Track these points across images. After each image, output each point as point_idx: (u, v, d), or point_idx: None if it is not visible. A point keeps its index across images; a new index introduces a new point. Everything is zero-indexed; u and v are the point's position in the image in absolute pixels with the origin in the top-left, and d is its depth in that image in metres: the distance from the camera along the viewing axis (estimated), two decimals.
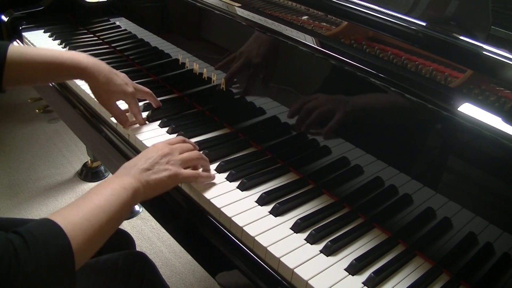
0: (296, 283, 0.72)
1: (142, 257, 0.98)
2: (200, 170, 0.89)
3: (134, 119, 1.05)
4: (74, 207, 0.67)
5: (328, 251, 0.76)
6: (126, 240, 1.17)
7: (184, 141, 0.91)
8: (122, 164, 0.81)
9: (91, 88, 1.00)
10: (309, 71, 0.93)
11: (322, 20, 0.96)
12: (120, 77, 1.01)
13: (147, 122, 1.07)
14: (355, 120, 0.86)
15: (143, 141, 0.99)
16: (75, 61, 0.94)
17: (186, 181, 0.87)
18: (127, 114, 1.05)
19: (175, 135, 1.02)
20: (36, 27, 1.55)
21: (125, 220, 1.95)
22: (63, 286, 0.60)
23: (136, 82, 1.23)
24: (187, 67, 1.18)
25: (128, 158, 1.00)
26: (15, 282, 0.54)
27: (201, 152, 0.94)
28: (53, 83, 1.31)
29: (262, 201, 0.85)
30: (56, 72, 0.94)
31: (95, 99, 1.03)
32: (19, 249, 0.56)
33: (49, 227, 0.61)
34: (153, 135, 1.02)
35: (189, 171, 0.85)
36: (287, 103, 0.95)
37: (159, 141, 0.89)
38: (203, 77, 1.12)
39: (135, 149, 1.02)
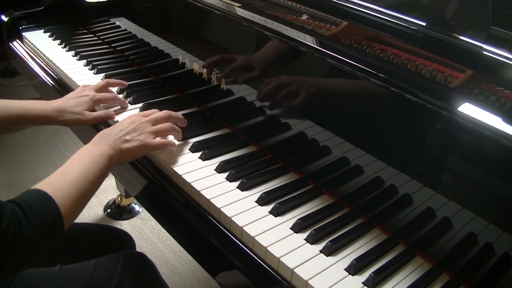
0: (296, 283, 0.72)
1: (142, 257, 0.98)
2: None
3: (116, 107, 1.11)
4: (60, 176, 0.75)
5: (328, 251, 0.76)
6: (126, 240, 1.17)
7: (169, 115, 0.97)
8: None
9: (64, 125, 1.04)
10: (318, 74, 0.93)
11: (322, 20, 0.96)
12: (73, 99, 1.04)
13: None
14: (355, 118, 0.86)
15: None
16: (37, 112, 0.98)
17: (156, 149, 0.93)
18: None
19: None
20: (36, 27, 1.55)
21: (125, 220, 1.96)
22: (56, 245, 0.70)
23: (136, 82, 1.24)
24: (187, 67, 1.18)
25: None
26: (19, 246, 0.63)
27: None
28: (52, 83, 1.31)
29: (262, 201, 0.85)
30: (21, 122, 0.99)
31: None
32: (21, 219, 0.64)
33: (42, 197, 0.69)
34: None
35: (157, 141, 0.92)
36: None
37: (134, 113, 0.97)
38: (203, 77, 1.12)
39: None
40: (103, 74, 1.27)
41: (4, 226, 0.62)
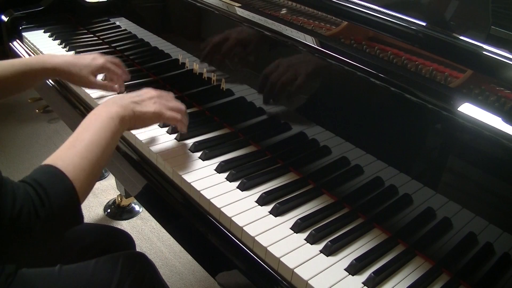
0: (296, 283, 0.72)
1: (142, 257, 0.98)
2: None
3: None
4: (70, 147, 0.72)
5: (328, 251, 0.76)
6: (126, 240, 1.17)
7: (184, 110, 0.95)
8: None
9: (67, 80, 1.05)
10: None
11: (322, 20, 0.96)
12: (87, 57, 1.06)
13: None
14: (354, 118, 0.86)
15: (136, 135, 0.99)
16: (42, 64, 0.98)
17: (168, 121, 0.92)
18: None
19: (175, 135, 1.02)
20: (36, 27, 1.55)
21: (125, 220, 1.96)
22: (72, 223, 0.68)
23: (136, 82, 1.24)
24: (187, 67, 1.18)
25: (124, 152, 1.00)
26: (34, 228, 0.61)
27: (201, 152, 0.95)
28: (52, 83, 1.31)
29: (262, 201, 0.85)
30: (27, 79, 0.98)
31: (87, 92, 1.10)
32: (34, 199, 0.62)
33: (53, 174, 0.66)
34: (154, 134, 1.02)
35: (172, 113, 0.90)
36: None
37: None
38: (203, 77, 1.12)
39: (133, 147, 1.02)
40: (103, 74, 1.27)
41: (17, 208, 0.59)
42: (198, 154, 0.96)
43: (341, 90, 0.88)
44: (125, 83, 1.18)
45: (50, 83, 1.31)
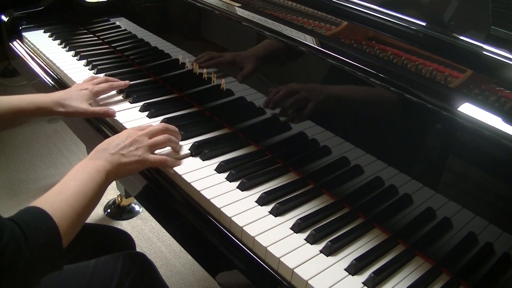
0: (296, 283, 0.72)
1: (142, 257, 0.98)
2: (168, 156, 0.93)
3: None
4: (58, 193, 0.74)
5: (328, 251, 0.76)
6: (126, 241, 1.17)
7: (166, 128, 0.95)
8: None
9: (63, 116, 1.06)
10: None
11: (322, 20, 0.96)
12: (73, 89, 1.08)
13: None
14: (354, 117, 0.86)
15: None
16: (37, 104, 1.00)
17: (154, 165, 0.92)
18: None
19: None
20: (36, 27, 1.55)
21: (125, 220, 1.96)
22: (54, 264, 0.69)
23: (136, 82, 1.24)
24: (187, 67, 1.18)
25: None
26: (17, 266, 0.62)
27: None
28: (52, 83, 1.31)
29: (262, 201, 0.85)
30: (21, 117, 1.00)
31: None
32: (20, 238, 0.63)
33: (40, 215, 0.68)
34: None
35: (155, 157, 0.90)
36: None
37: (130, 127, 0.99)
38: (203, 77, 1.12)
39: None
40: (103, 74, 1.27)
41: (2, 245, 0.60)
42: (198, 154, 0.96)
43: (341, 90, 0.88)
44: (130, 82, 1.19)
45: (50, 83, 1.31)
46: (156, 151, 0.94)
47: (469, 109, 0.69)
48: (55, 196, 0.73)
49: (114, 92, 1.17)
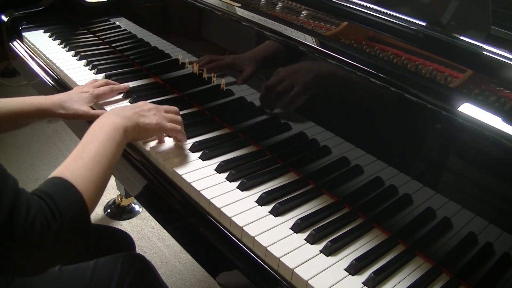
0: (296, 283, 0.72)
1: (141, 258, 0.98)
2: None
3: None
4: (78, 159, 0.73)
5: (328, 251, 0.76)
6: (125, 241, 1.17)
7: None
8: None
9: (65, 118, 1.06)
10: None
11: (322, 20, 0.96)
12: (75, 91, 1.08)
13: None
14: (355, 116, 0.87)
15: None
16: (38, 105, 1.00)
17: (169, 132, 0.94)
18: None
19: None
20: (36, 27, 1.55)
21: (125, 220, 1.96)
22: (82, 234, 0.68)
23: (136, 82, 1.24)
24: (187, 67, 1.18)
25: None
26: (46, 240, 0.61)
27: (200, 152, 0.95)
28: (52, 83, 1.31)
29: (262, 201, 0.85)
30: (22, 118, 1.00)
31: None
32: (46, 212, 0.62)
33: (64, 186, 0.67)
34: None
35: (172, 125, 0.92)
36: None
37: None
38: (203, 77, 1.12)
39: (133, 147, 1.02)
40: (103, 74, 1.27)
41: (30, 220, 0.60)
42: (198, 154, 0.96)
43: (341, 90, 0.88)
44: (129, 83, 1.19)
45: (50, 83, 1.31)
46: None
47: (469, 109, 0.69)
48: (75, 162, 0.72)
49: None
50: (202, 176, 0.90)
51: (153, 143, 0.98)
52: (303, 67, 0.91)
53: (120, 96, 1.16)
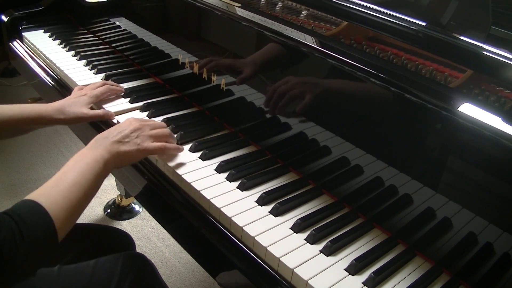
0: (296, 283, 0.72)
1: (142, 258, 0.98)
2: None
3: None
4: (54, 186, 0.73)
5: (328, 251, 0.76)
6: (126, 241, 1.17)
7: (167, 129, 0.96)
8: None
9: (65, 124, 1.07)
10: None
11: (322, 20, 0.96)
12: (72, 96, 1.09)
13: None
14: (354, 116, 0.86)
15: None
16: (38, 112, 1.00)
17: (154, 153, 0.92)
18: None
19: (175, 135, 1.01)
20: (36, 27, 1.55)
21: (125, 220, 1.96)
22: (50, 258, 0.71)
23: (136, 82, 1.24)
24: (187, 67, 1.18)
25: None
26: (13, 261, 0.63)
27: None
28: (52, 83, 1.31)
29: (262, 201, 0.85)
30: (23, 125, 1.00)
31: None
32: (15, 233, 0.63)
33: (35, 209, 0.68)
34: None
35: (155, 144, 0.90)
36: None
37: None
38: (203, 77, 1.12)
39: None
40: (103, 74, 1.27)
41: (0, 240, 0.61)
42: (198, 154, 0.96)
43: (341, 90, 0.88)
44: (128, 83, 1.19)
45: (50, 83, 1.31)
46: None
47: (469, 109, 0.69)
48: (51, 188, 0.73)
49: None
50: (202, 176, 0.90)
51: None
52: (312, 79, 0.91)
53: (120, 97, 1.16)
